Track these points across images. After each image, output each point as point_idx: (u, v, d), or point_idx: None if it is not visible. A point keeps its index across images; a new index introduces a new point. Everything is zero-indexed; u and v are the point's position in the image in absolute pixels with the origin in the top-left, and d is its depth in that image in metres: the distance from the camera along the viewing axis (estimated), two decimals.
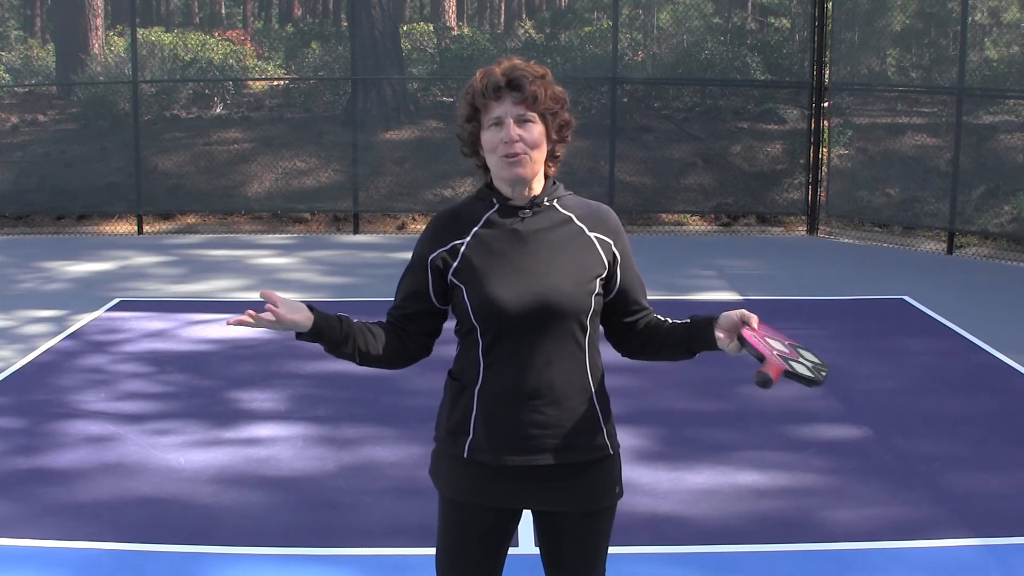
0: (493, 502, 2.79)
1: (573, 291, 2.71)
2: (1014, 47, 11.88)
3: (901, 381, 6.74)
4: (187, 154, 12.62)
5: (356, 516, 4.83)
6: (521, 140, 2.68)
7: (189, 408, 6.19)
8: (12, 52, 15.61)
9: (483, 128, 2.72)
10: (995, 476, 5.26)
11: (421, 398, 6.05)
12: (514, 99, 2.69)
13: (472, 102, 2.73)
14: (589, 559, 2.86)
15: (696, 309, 8.29)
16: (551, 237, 2.75)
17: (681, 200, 12.27)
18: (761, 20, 14.64)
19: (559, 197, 2.81)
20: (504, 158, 2.70)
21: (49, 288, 9.25)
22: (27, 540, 4.54)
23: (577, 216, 2.80)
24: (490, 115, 2.70)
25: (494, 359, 2.72)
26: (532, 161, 2.71)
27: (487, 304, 2.70)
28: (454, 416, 2.81)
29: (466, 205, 2.82)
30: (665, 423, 5.88)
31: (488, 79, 2.71)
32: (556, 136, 2.76)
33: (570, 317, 2.72)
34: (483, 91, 2.71)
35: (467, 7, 22.12)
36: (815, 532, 4.66)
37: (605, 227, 2.81)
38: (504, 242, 2.74)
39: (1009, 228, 10.83)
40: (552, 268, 2.72)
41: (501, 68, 2.72)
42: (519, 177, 2.72)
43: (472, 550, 2.83)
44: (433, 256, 2.77)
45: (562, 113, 2.75)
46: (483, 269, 2.72)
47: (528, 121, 2.69)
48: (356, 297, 8.88)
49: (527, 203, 2.76)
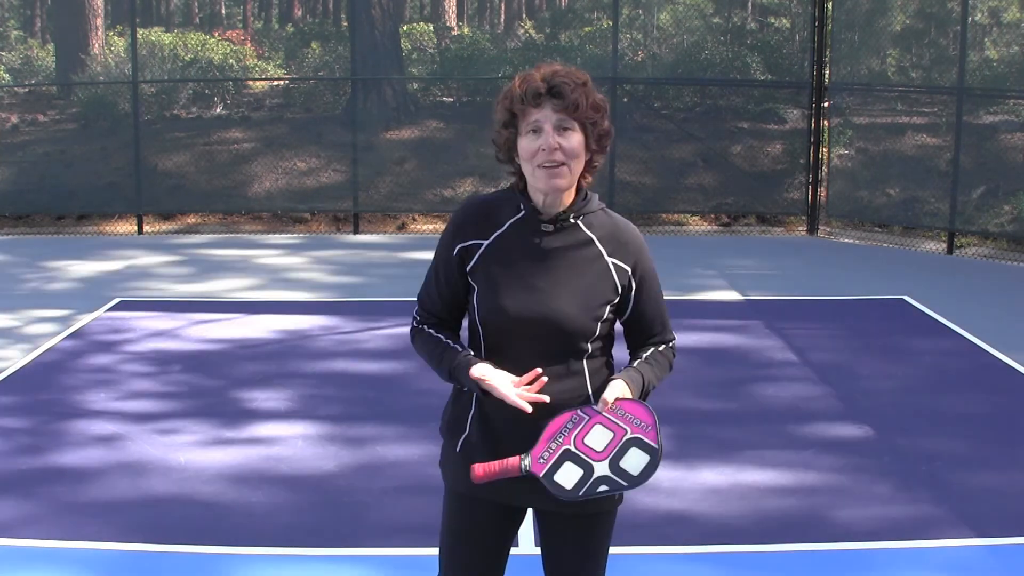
0: (492, 497, 2.81)
1: (578, 315, 2.70)
2: (1014, 47, 11.89)
3: (901, 381, 6.75)
4: (187, 154, 12.62)
5: (361, 515, 4.83)
6: (560, 149, 2.63)
7: (192, 408, 6.19)
8: (12, 52, 15.60)
9: (520, 134, 2.67)
10: (995, 476, 5.27)
11: (426, 397, 6.06)
12: (554, 106, 2.63)
13: (510, 107, 2.67)
14: (588, 562, 2.86)
15: (697, 309, 8.35)
16: (568, 258, 2.72)
17: (681, 200, 12.27)
18: (761, 20, 14.64)
19: (586, 214, 2.75)
20: (542, 167, 2.64)
21: (50, 288, 9.26)
22: (28, 540, 4.54)
23: (599, 238, 2.74)
24: (528, 121, 2.64)
25: (495, 364, 2.73)
26: (571, 172, 2.66)
27: (492, 313, 2.71)
28: (454, 412, 2.85)
29: (494, 202, 2.78)
30: (668, 422, 5.84)
31: (528, 85, 2.65)
32: (595, 146, 2.70)
33: (572, 340, 2.71)
34: (522, 97, 2.64)
35: (467, 7, 22.11)
36: (816, 532, 4.66)
37: (624, 253, 2.75)
38: (521, 254, 2.72)
39: (1009, 228, 10.84)
40: (562, 289, 2.70)
41: (541, 73, 2.66)
42: (556, 188, 2.67)
43: (472, 543, 2.85)
44: (456, 249, 2.76)
45: (602, 122, 2.69)
46: (495, 276, 2.72)
47: (568, 129, 2.64)
48: (361, 297, 8.89)
49: (552, 218, 2.72)
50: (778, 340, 7.60)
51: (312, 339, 7.60)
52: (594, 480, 2.51)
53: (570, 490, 2.53)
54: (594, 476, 2.51)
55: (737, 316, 8.27)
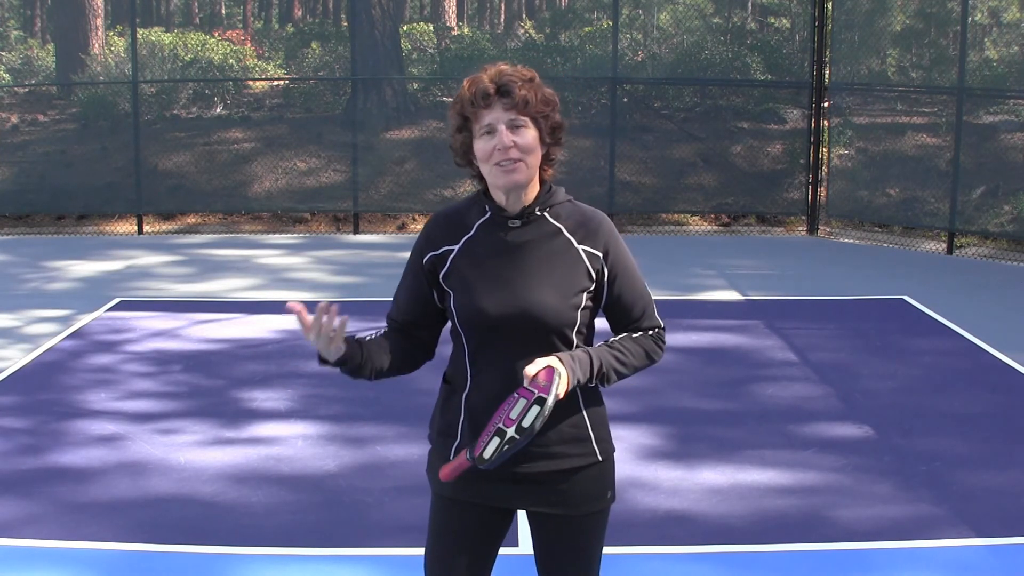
0: (481, 500, 2.80)
1: (557, 305, 2.69)
2: (1014, 47, 11.89)
3: (901, 381, 6.75)
4: (187, 154, 12.62)
5: (361, 515, 4.84)
6: (515, 146, 2.65)
7: (192, 408, 6.20)
8: (12, 52, 15.60)
9: (475, 137, 2.69)
10: (996, 475, 5.27)
11: (424, 397, 6.03)
12: (504, 105, 2.65)
13: (462, 111, 2.69)
14: (580, 563, 2.86)
15: (697, 309, 8.35)
16: (539, 250, 2.73)
17: (682, 200, 12.28)
18: (761, 20, 14.65)
19: (552, 205, 2.76)
20: (498, 166, 2.66)
21: (50, 288, 9.26)
22: (28, 540, 4.55)
23: (567, 227, 2.75)
24: (481, 123, 2.66)
25: (480, 367, 2.73)
26: (528, 167, 2.68)
27: (471, 314, 2.71)
28: (444, 419, 2.84)
29: (461, 209, 2.81)
30: (668, 422, 5.89)
31: (476, 87, 2.67)
32: (549, 139, 2.72)
33: (553, 331, 2.70)
34: (472, 99, 2.66)
35: (467, 7, 22.12)
36: (816, 532, 4.66)
37: (594, 239, 2.75)
38: (492, 252, 2.73)
39: (1009, 228, 10.84)
40: (537, 281, 2.70)
41: (488, 74, 2.68)
42: (515, 184, 2.68)
43: (456, 547, 2.84)
44: (426, 259, 2.78)
45: (553, 115, 2.71)
46: (469, 278, 2.72)
47: (520, 126, 2.66)
48: (361, 297, 8.88)
49: (518, 213, 2.73)
50: (778, 340, 7.60)
51: None
52: (505, 443, 2.60)
53: (488, 459, 2.61)
54: (505, 440, 2.60)
55: (737, 316, 8.28)
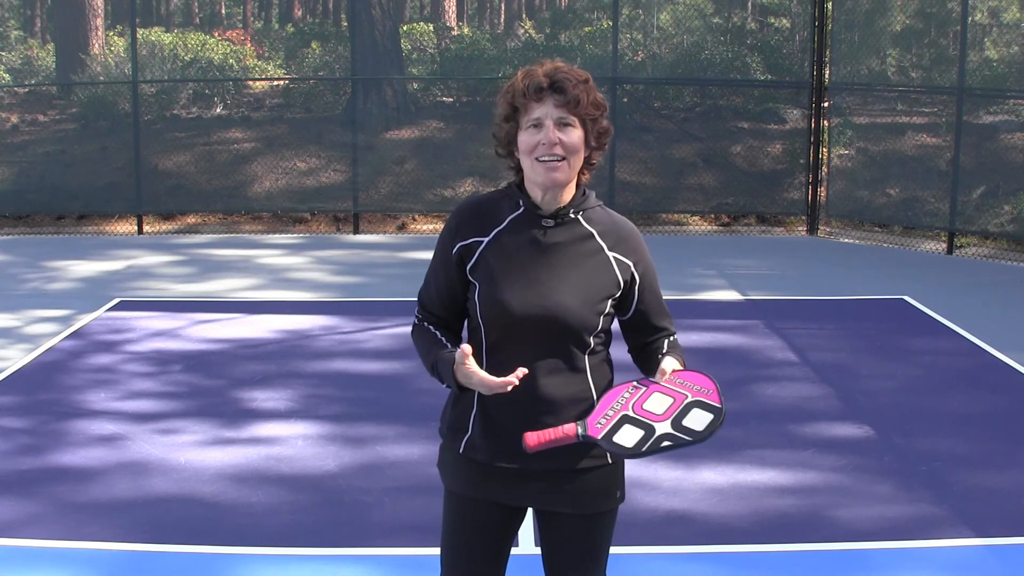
0: (492, 497, 2.81)
1: (580, 309, 2.70)
2: (1014, 47, 11.89)
3: (901, 381, 6.75)
4: (187, 154, 12.62)
5: (361, 515, 4.84)
6: (560, 144, 2.66)
7: (192, 408, 6.20)
8: (12, 52, 15.60)
9: (521, 129, 2.69)
10: (996, 475, 5.27)
11: (424, 397, 6.07)
12: (556, 101, 2.66)
13: (512, 101, 2.70)
14: (588, 562, 2.86)
15: (697, 309, 8.35)
16: (569, 252, 2.73)
17: (682, 200, 12.27)
18: (761, 20, 14.65)
19: (585, 209, 2.77)
20: (540, 161, 2.67)
21: (50, 288, 9.26)
22: (28, 540, 4.55)
23: (599, 232, 2.76)
24: (530, 116, 2.67)
25: (496, 362, 2.73)
26: (569, 167, 2.68)
27: (493, 308, 2.71)
28: (455, 412, 2.84)
29: (492, 201, 2.80)
30: None
31: (530, 79, 2.68)
32: (594, 143, 2.73)
33: (574, 334, 2.71)
34: (524, 91, 2.67)
35: (467, 7, 22.12)
36: (816, 532, 4.66)
37: (626, 246, 2.77)
38: (522, 249, 2.73)
39: (1009, 228, 10.84)
40: (564, 284, 2.70)
41: (544, 69, 2.69)
42: (555, 182, 2.69)
43: (472, 543, 2.85)
44: (455, 250, 2.77)
45: (602, 120, 2.72)
46: (497, 272, 2.72)
47: (568, 125, 2.67)
48: (361, 297, 8.89)
49: (552, 213, 2.73)
50: (778, 340, 7.60)
51: (312, 339, 7.60)
52: (656, 437, 2.57)
53: (631, 448, 2.56)
54: (656, 434, 2.57)
55: (737, 316, 8.28)
